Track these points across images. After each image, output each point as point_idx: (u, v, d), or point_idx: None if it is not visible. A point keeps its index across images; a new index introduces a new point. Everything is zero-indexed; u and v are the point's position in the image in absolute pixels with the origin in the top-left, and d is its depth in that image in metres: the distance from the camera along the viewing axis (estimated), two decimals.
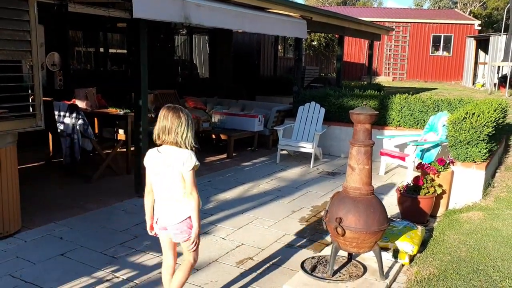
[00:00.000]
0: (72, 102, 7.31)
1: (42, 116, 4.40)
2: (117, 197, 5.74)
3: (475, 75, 23.51)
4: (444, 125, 7.16)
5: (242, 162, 7.90)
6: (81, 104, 7.21)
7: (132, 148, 6.68)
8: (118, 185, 6.25)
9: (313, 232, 4.79)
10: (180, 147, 2.86)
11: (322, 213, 5.25)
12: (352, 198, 3.60)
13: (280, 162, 7.96)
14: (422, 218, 5.05)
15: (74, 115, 6.11)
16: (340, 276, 3.73)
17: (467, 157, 5.62)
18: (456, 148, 5.71)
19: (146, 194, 3.15)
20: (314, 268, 3.85)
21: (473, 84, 23.09)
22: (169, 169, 2.90)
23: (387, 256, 4.05)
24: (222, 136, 8.29)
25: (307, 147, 7.75)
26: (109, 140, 7.47)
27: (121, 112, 6.90)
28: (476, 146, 5.55)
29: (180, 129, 2.83)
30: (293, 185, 6.56)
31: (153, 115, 7.01)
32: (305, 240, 4.60)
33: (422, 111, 7.98)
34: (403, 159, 6.96)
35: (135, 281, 3.65)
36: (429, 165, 5.36)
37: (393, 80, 25.68)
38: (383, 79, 23.83)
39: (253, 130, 8.64)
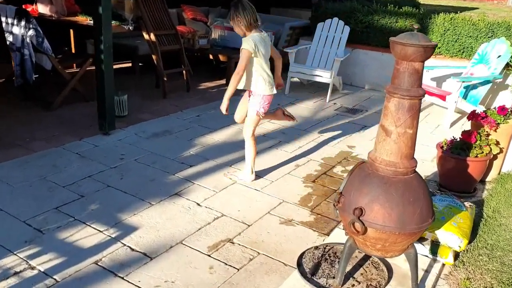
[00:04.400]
0: (31, 7, 5.89)
1: None
2: (75, 132, 4.54)
3: None
4: (499, 56, 5.62)
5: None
6: (43, 9, 5.79)
7: None
8: (83, 115, 5.02)
9: (320, 201, 3.57)
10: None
11: (336, 170, 3.89)
12: (382, 178, 2.31)
13: (290, 92, 6.59)
14: (469, 186, 3.78)
15: (23, 23, 4.73)
16: (353, 285, 2.56)
17: None
18: None
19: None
20: (317, 267, 2.68)
21: None
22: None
23: (422, 250, 2.85)
24: (221, 57, 6.86)
25: (324, 76, 6.32)
26: (82, 57, 6.12)
27: (92, 22, 5.46)
28: None
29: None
30: (302, 126, 5.25)
31: (130, 27, 5.60)
32: (308, 212, 3.39)
33: (471, 36, 6.37)
34: (443, 98, 5.52)
35: (55, 276, 2.53)
36: (486, 114, 3.96)
37: None
38: None
39: None
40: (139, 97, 5.84)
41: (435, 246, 2.87)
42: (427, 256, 2.85)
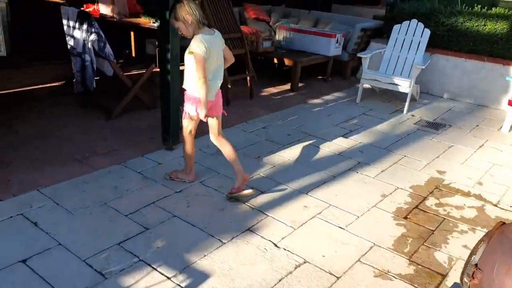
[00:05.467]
0: (92, 7, 5.63)
1: (2, 40, 2.77)
2: (137, 146, 4.22)
3: None
4: None
5: (310, 99, 6.04)
6: (105, 10, 5.52)
7: None
8: (145, 126, 4.71)
9: (417, 245, 3.04)
10: None
11: (429, 203, 3.15)
12: None
13: (361, 101, 6.03)
14: None
15: (84, 27, 4.44)
16: None
17: None
18: None
19: None
20: None
21: None
22: None
23: None
24: (286, 61, 6.39)
25: (403, 86, 5.71)
26: (145, 61, 5.83)
27: (155, 24, 5.14)
28: None
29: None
30: (380, 143, 4.71)
31: None
32: (406, 261, 2.87)
33: None
34: None
35: None
36: None
37: None
38: None
39: (328, 54, 6.62)
40: None
41: None
42: None
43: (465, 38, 6.18)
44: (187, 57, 3.09)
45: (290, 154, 4.31)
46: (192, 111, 3.27)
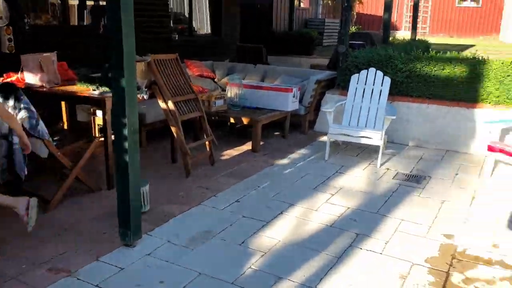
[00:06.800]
0: (15, 76, 4.78)
1: None
2: (88, 246, 3.33)
3: None
4: None
5: (276, 160, 5.47)
6: (32, 79, 4.67)
7: None
8: (92, 216, 3.82)
9: None
10: None
11: (456, 281, 2.68)
12: None
13: (330, 157, 5.55)
14: None
15: (10, 103, 3.58)
16: None
17: None
18: None
19: None
20: None
21: None
22: None
23: None
24: (245, 120, 5.82)
25: (374, 138, 5.31)
26: (82, 132, 4.99)
27: (96, 92, 4.35)
28: None
29: None
30: (370, 207, 4.19)
31: (145, 96, 4.51)
32: None
33: None
34: None
35: None
36: None
37: None
38: (403, 34, 21.06)
39: (287, 109, 6.16)
40: (156, 178, 4.69)
41: None
42: None
43: (425, 84, 6.02)
44: None
45: (278, 233, 3.64)
46: None
